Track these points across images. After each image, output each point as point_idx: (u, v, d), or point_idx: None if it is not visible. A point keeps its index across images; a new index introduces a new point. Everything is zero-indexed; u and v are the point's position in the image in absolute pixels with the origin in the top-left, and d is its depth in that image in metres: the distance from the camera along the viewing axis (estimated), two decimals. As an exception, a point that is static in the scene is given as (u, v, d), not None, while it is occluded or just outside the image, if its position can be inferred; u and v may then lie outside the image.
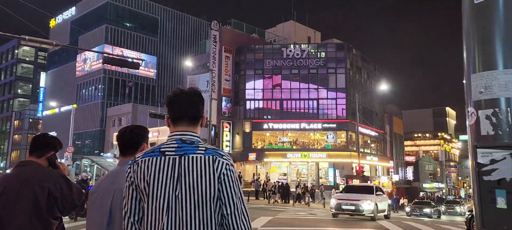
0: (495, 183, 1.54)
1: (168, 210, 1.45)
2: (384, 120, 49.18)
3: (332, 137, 39.45)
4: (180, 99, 1.59)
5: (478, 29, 1.73)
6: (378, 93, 43.57)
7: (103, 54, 13.04)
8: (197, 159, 1.48)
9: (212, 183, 1.47)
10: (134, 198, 1.52)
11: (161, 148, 1.53)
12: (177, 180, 1.47)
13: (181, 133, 1.56)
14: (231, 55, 40.89)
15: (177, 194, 1.45)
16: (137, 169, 1.51)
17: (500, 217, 1.51)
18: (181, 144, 1.52)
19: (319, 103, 40.28)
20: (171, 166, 1.48)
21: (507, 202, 1.51)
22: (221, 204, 1.48)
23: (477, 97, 1.68)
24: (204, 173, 1.47)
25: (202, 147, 1.53)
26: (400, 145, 55.65)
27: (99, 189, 2.08)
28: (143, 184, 1.49)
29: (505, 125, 1.58)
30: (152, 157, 1.51)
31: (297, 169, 39.77)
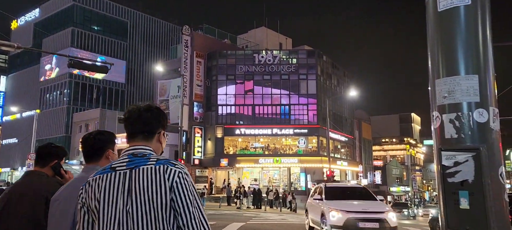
0: (459, 184, 1.60)
1: (119, 226, 1.39)
2: (354, 126, 50.45)
3: (304, 142, 39.96)
4: (132, 115, 1.58)
5: (441, 36, 1.80)
6: (347, 99, 44.69)
7: (68, 57, 12.58)
8: (147, 170, 1.44)
9: (163, 193, 1.41)
10: (86, 221, 1.47)
11: (112, 165, 1.50)
12: (127, 194, 1.42)
13: (133, 148, 1.54)
14: (202, 60, 40.63)
15: (128, 208, 1.40)
16: (88, 188, 1.47)
17: (463, 217, 1.57)
18: (132, 158, 1.49)
19: (290, 109, 40.75)
20: (122, 180, 1.44)
21: (470, 202, 1.56)
22: (177, 214, 1.41)
23: (441, 101, 1.74)
24: (155, 183, 1.42)
25: (153, 158, 1.49)
26: (368, 150, 57.24)
27: (61, 197, 1.99)
28: (94, 203, 1.44)
29: (467, 129, 1.64)
30: (103, 174, 1.48)
31: (269, 176, 39.93)
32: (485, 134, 1.64)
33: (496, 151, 1.64)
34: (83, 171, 2.07)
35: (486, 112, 1.66)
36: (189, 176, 1.48)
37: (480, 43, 1.73)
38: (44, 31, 56.80)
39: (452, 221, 1.60)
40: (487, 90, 1.68)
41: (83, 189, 1.49)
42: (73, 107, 53.41)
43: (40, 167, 2.43)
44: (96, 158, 2.07)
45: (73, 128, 50.53)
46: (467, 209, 1.57)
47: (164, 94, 42.48)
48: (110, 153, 2.08)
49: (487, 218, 1.54)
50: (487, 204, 1.55)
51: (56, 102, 55.21)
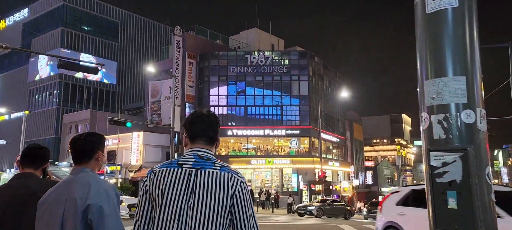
0: (447, 184, 1.62)
1: (179, 219, 1.51)
2: (345, 126, 50.74)
3: (296, 143, 40.08)
4: (201, 119, 1.72)
5: (430, 38, 1.82)
6: (339, 100, 44.94)
7: (58, 57, 12.43)
8: (213, 173, 1.58)
9: (225, 198, 1.56)
10: (146, 207, 1.59)
11: (179, 161, 1.63)
12: (191, 191, 1.55)
13: (198, 149, 1.67)
14: (194, 61, 40.50)
15: (190, 204, 1.53)
16: (154, 178, 1.59)
17: (451, 217, 1.59)
18: (198, 159, 1.62)
19: (282, 110, 40.83)
20: (187, 177, 1.57)
21: (458, 202, 1.58)
22: (235, 220, 1.57)
23: (430, 102, 1.76)
24: (219, 188, 1.56)
25: (218, 164, 1.63)
26: (360, 151, 57.61)
27: (49, 199, 1.95)
28: (157, 192, 1.55)
29: (455, 130, 1.67)
30: (170, 168, 1.60)
31: (262, 178, 39.94)
32: (473, 135, 1.66)
33: (483, 151, 1.66)
34: (72, 173, 2.02)
35: (473, 113, 1.68)
36: (247, 186, 1.64)
37: (468, 45, 1.75)
38: (33, 31, 56.06)
39: (440, 221, 1.62)
40: (475, 91, 1.70)
41: (148, 177, 1.61)
42: (63, 108, 52.74)
43: (34, 169, 2.41)
44: (86, 160, 2.03)
45: (63, 130, 49.89)
46: (455, 208, 1.59)
47: (156, 95, 42.24)
48: (100, 155, 2.06)
49: (475, 218, 1.56)
50: (474, 203, 1.57)
51: (45, 103, 54.48)
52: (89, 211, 1.80)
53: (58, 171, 31.58)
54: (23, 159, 2.45)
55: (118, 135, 34.32)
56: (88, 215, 1.80)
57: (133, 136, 37.00)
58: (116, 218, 1.87)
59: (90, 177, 1.94)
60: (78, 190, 1.85)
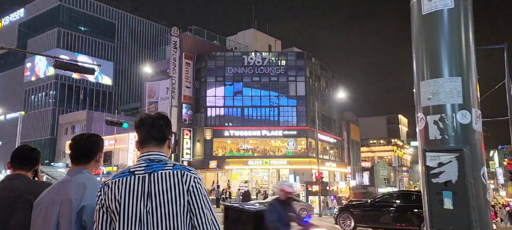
0: (443, 185, 1.62)
1: (140, 225, 1.50)
2: (342, 127, 50.83)
3: (293, 144, 40.09)
4: (145, 123, 1.71)
5: (425, 39, 1.83)
6: (336, 101, 45.01)
7: (53, 58, 12.37)
8: (165, 174, 1.57)
9: (181, 196, 1.55)
10: (105, 221, 1.56)
11: (130, 169, 1.61)
12: (147, 196, 1.53)
13: (148, 153, 1.66)
14: (191, 62, 40.45)
15: (148, 209, 1.52)
16: (108, 190, 1.56)
17: (447, 217, 1.60)
18: (149, 163, 1.61)
19: (279, 111, 40.84)
20: (141, 184, 1.55)
21: (453, 202, 1.59)
22: (192, 216, 1.56)
23: (426, 103, 1.76)
24: (173, 187, 1.55)
25: (169, 164, 1.62)
26: (357, 151, 57.72)
27: (45, 200, 1.94)
28: (114, 204, 1.53)
29: (451, 130, 1.67)
30: (122, 177, 1.58)
31: (258, 177, 39.91)
32: (468, 135, 1.67)
33: (479, 152, 1.67)
34: (68, 174, 2.01)
35: (469, 114, 1.69)
36: (202, 181, 1.64)
37: (463, 46, 1.76)
38: (29, 31, 55.77)
39: (436, 221, 1.63)
40: (470, 92, 1.71)
41: (102, 191, 1.58)
42: (59, 108, 52.48)
43: (25, 171, 2.38)
44: (86, 161, 2.02)
45: (59, 130, 49.66)
46: (451, 209, 1.60)
47: (153, 96, 42.12)
48: (99, 156, 2.06)
49: (470, 218, 1.57)
50: (470, 204, 1.58)
51: (41, 103, 54.20)
52: (84, 212, 1.79)
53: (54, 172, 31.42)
54: (13, 160, 2.42)
55: (114, 136, 34.20)
56: (83, 216, 1.79)
57: (129, 136, 36.88)
58: None
59: (86, 179, 1.93)
60: (74, 191, 1.85)
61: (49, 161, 46.54)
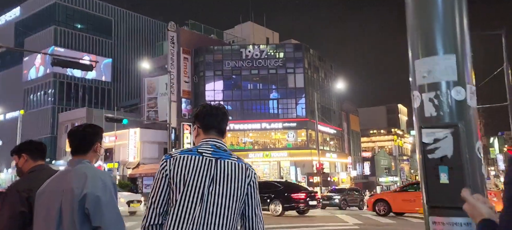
0: (438, 160, 1.65)
1: (201, 202, 1.63)
2: (342, 118, 50.90)
3: (293, 136, 40.19)
4: (217, 112, 1.83)
5: (420, 19, 1.85)
6: (335, 92, 45.01)
7: (51, 55, 12.36)
8: (231, 164, 1.73)
9: (242, 187, 1.72)
10: (165, 191, 1.67)
11: (198, 149, 1.73)
12: (212, 178, 1.67)
13: (215, 140, 1.78)
14: (189, 57, 40.37)
15: (211, 190, 1.65)
16: (174, 162, 1.67)
17: (443, 191, 1.63)
18: (216, 149, 1.74)
19: (279, 103, 40.87)
20: (208, 165, 1.68)
21: (449, 177, 1.62)
22: (247, 207, 1.74)
23: (421, 81, 1.79)
24: (237, 177, 1.71)
25: (233, 155, 1.78)
26: (357, 142, 57.87)
27: (47, 190, 1.97)
28: (179, 177, 1.65)
29: (446, 106, 1.70)
30: (191, 155, 1.70)
31: (260, 171, 40.04)
32: (463, 111, 1.69)
33: (474, 127, 1.70)
34: (69, 165, 2.03)
35: (463, 90, 1.71)
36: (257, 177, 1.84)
37: (457, 24, 1.78)
38: (26, 30, 55.54)
39: (432, 196, 1.66)
40: (464, 69, 1.73)
41: (168, 162, 1.69)
42: (59, 107, 52.45)
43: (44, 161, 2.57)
44: (84, 150, 2.05)
45: (59, 128, 49.68)
46: (447, 183, 1.63)
47: (152, 91, 42.10)
48: (98, 146, 2.07)
49: (466, 191, 1.60)
50: (465, 177, 1.61)
51: (40, 102, 54.14)
52: (86, 201, 1.81)
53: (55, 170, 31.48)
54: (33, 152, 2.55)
55: (115, 132, 34.24)
56: (85, 204, 1.81)
57: (130, 133, 36.92)
58: (113, 207, 1.89)
59: (87, 168, 1.95)
60: (75, 181, 1.87)
61: (50, 160, 46.61)
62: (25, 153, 2.53)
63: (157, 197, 1.67)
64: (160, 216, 1.66)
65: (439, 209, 1.66)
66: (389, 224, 11.42)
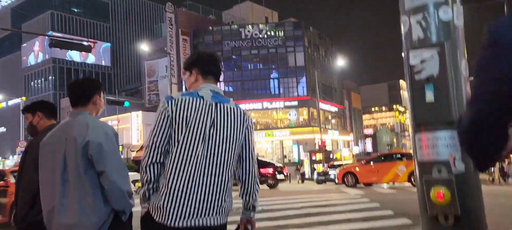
0: (425, 80, 1.67)
1: (204, 141, 1.67)
2: (343, 96, 50.80)
3: (294, 115, 40.23)
4: (214, 59, 1.87)
5: None
6: (336, 69, 44.77)
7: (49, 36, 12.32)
8: (230, 108, 1.78)
9: (241, 130, 1.78)
10: (167, 131, 1.68)
11: (199, 93, 1.76)
12: (212, 121, 1.71)
13: (213, 86, 1.82)
14: (188, 38, 40.09)
15: (212, 132, 1.69)
16: (177, 103, 1.69)
17: (429, 109, 1.65)
18: (215, 94, 1.78)
19: (279, 82, 40.75)
20: (209, 108, 1.72)
21: (435, 94, 1.64)
22: (242, 149, 1.81)
23: (409, 5, 1.79)
24: (236, 121, 1.77)
25: (232, 101, 1.83)
26: (358, 119, 57.92)
27: (50, 140, 2.03)
28: (181, 117, 1.67)
29: (433, 27, 1.71)
30: (191, 97, 1.73)
31: (262, 151, 40.26)
32: (450, 31, 1.70)
33: (459, 45, 1.71)
34: (70, 116, 2.08)
35: (450, 10, 1.71)
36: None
37: None
38: (23, 15, 55.14)
39: (419, 114, 1.69)
40: (452, -10, 1.73)
41: (169, 104, 1.70)
42: (60, 92, 52.59)
43: None
44: (84, 102, 2.09)
45: (61, 114, 49.91)
46: (433, 101, 1.65)
47: (153, 75, 41.99)
48: (97, 99, 2.11)
49: (450, 108, 1.62)
50: (450, 95, 1.63)
51: (41, 88, 54.25)
52: (89, 147, 1.86)
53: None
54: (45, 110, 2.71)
55: (117, 116, 34.38)
56: (88, 150, 1.86)
57: (132, 116, 37.06)
58: (115, 155, 1.94)
59: (88, 119, 2.00)
60: (77, 130, 1.91)
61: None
62: (40, 112, 2.65)
63: (159, 136, 1.68)
64: (162, 154, 1.68)
65: (425, 126, 1.68)
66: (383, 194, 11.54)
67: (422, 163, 1.69)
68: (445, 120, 1.63)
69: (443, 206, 1.58)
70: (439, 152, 1.64)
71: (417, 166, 1.72)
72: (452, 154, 1.62)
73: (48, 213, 1.93)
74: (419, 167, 1.69)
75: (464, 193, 1.59)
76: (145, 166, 1.69)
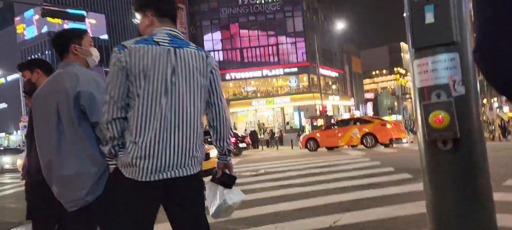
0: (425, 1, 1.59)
1: (166, 92, 1.56)
2: (343, 61, 50.36)
3: (295, 81, 40.05)
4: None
5: None
6: (336, 34, 44.10)
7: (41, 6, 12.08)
8: (191, 52, 1.66)
9: (206, 74, 1.68)
10: (123, 84, 1.56)
11: (154, 39, 1.62)
12: (173, 68, 1.59)
13: (169, 29, 1.68)
14: (184, 6, 39.31)
15: (174, 81, 1.58)
16: (131, 53, 1.55)
17: (429, 32, 1.58)
18: (172, 38, 1.65)
19: (279, 49, 40.30)
20: (167, 55, 1.60)
21: (435, 15, 1.56)
22: (210, 94, 1.73)
23: None
24: (199, 65, 1.66)
25: (192, 44, 1.72)
26: (359, 84, 57.72)
27: (42, 93, 2.04)
28: (138, 69, 1.54)
29: None
30: (147, 45, 1.59)
31: (264, 118, 40.39)
32: None
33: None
34: (60, 67, 2.09)
35: None
36: None
37: None
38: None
39: (418, 38, 1.62)
40: None
41: (122, 53, 1.56)
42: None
43: None
44: (63, 54, 2.09)
45: (61, 90, 49.93)
46: (432, 22, 1.57)
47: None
48: (74, 48, 2.07)
49: (450, 29, 1.55)
50: (450, 14, 1.55)
51: (39, 64, 53.91)
52: (81, 97, 1.86)
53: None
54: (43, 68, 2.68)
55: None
56: (80, 101, 1.86)
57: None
58: None
59: (77, 70, 1.99)
60: (68, 81, 1.90)
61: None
62: (39, 69, 2.62)
63: (115, 90, 1.55)
64: (122, 109, 1.56)
65: (424, 50, 1.61)
66: (384, 153, 11.62)
67: (421, 88, 1.63)
68: (445, 42, 1.56)
69: (441, 130, 1.54)
70: (438, 76, 1.58)
71: (416, 94, 1.66)
72: (452, 77, 1.56)
73: (46, 165, 1.95)
74: (419, 94, 1.64)
75: (463, 116, 1.54)
76: (106, 123, 1.57)
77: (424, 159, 1.66)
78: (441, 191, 1.61)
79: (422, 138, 1.65)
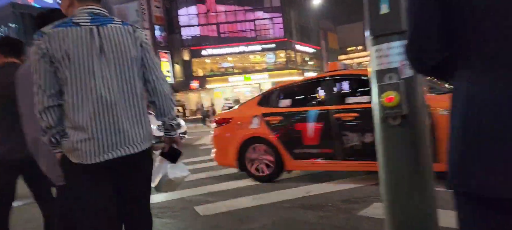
0: (380, -7, 1.77)
1: (94, 76, 1.51)
2: (320, 36, 50.59)
3: (272, 57, 40.04)
4: None
5: None
6: (313, 9, 44.07)
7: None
8: (116, 28, 1.58)
9: (136, 48, 1.61)
10: (49, 71, 1.50)
11: (73, 20, 1.54)
12: (99, 48, 1.53)
13: (91, 7, 1.60)
14: (159, -20, 38.04)
15: (102, 61, 1.53)
16: (51, 40, 1.49)
17: (384, 21, 1.78)
18: (94, 17, 1.57)
19: (255, 25, 39.96)
20: (90, 35, 1.53)
21: (389, 6, 1.76)
22: (144, 70, 1.66)
23: None
24: (127, 40, 1.59)
25: (117, 19, 1.63)
26: (335, 60, 58.32)
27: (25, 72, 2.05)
28: (61, 53, 1.48)
29: None
30: (66, 27, 1.51)
31: (241, 95, 40.40)
32: None
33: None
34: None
35: None
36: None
37: None
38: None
39: (374, 28, 1.81)
40: None
41: (41, 39, 1.49)
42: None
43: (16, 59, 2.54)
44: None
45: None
46: (387, 13, 1.77)
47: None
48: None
49: (400, 18, 1.75)
50: (400, 6, 1.75)
51: (5, 40, 51.16)
52: None
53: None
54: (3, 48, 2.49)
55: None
56: None
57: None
58: None
59: None
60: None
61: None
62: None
63: (42, 79, 1.50)
64: (53, 97, 1.51)
65: (381, 37, 1.81)
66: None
67: (379, 71, 1.84)
68: (398, 31, 1.76)
69: (392, 108, 1.77)
70: (391, 61, 1.80)
71: (374, 76, 1.87)
72: (402, 61, 1.78)
73: (32, 141, 2.01)
74: (377, 76, 1.85)
75: (410, 95, 1.77)
76: (39, 113, 1.53)
77: (379, 134, 1.90)
78: (392, 162, 1.85)
79: (378, 116, 1.88)
